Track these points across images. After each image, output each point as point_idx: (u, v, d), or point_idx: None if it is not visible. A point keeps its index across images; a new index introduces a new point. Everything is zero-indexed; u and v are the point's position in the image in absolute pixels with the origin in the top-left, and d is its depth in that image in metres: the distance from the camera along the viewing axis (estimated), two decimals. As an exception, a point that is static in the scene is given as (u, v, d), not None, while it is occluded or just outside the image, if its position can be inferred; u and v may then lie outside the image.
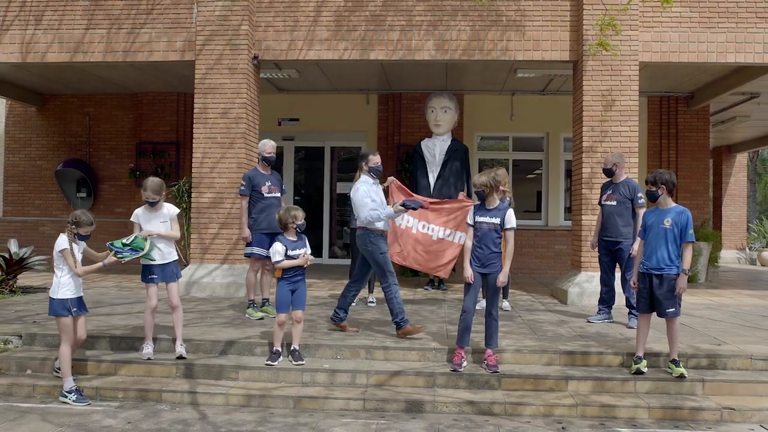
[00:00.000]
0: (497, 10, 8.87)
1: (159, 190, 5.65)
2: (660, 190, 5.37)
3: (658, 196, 5.39)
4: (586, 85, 8.64)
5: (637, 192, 6.92)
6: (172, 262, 5.74)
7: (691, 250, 5.30)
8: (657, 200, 5.40)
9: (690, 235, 5.24)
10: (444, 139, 10.01)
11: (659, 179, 5.36)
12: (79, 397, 5.02)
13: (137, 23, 9.13)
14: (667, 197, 5.39)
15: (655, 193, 5.39)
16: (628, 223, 6.85)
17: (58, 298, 5.09)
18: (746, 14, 8.71)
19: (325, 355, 5.77)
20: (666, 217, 5.31)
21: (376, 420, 4.74)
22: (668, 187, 5.36)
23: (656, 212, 5.44)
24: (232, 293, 8.57)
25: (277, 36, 9.07)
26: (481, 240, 5.46)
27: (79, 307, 5.18)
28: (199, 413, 4.84)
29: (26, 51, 9.27)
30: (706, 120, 12.75)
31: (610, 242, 7.03)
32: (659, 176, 5.38)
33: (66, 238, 5.10)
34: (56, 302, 5.09)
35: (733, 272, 14.22)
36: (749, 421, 4.82)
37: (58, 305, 5.09)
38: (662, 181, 5.35)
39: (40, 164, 13.29)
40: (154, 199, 5.62)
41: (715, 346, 5.90)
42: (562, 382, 5.31)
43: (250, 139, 9.01)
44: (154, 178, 5.73)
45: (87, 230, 5.16)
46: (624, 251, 6.88)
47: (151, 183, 5.63)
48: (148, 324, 5.69)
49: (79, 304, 5.20)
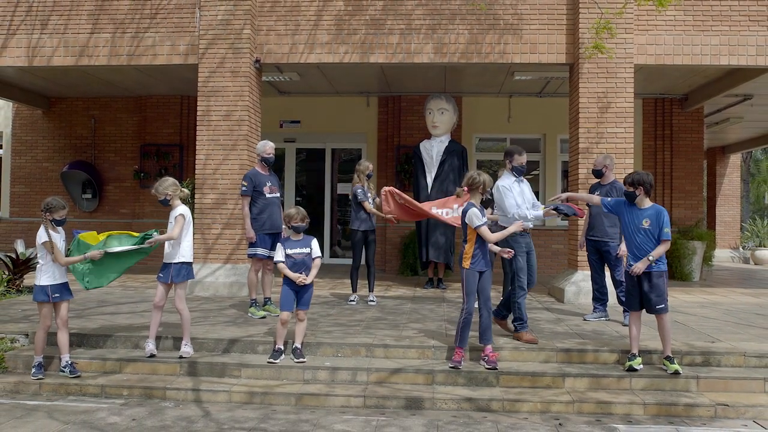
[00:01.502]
0: (495, 14, 8.88)
1: (157, 187, 5.74)
2: (638, 191, 5.42)
3: (635, 196, 5.43)
4: (582, 88, 8.65)
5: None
6: (176, 264, 5.68)
7: (666, 247, 5.34)
8: (634, 200, 5.44)
9: (666, 234, 5.30)
10: (442, 140, 10.02)
11: (636, 180, 5.41)
12: (36, 371, 5.33)
13: (141, 27, 9.13)
14: (644, 198, 5.43)
15: (633, 193, 5.44)
16: (614, 223, 6.86)
17: (40, 285, 5.32)
18: (739, 18, 8.71)
19: (326, 353, 5.77)
20: (644, 218, 5.37)
21: (377, 417, 4.74)
22: (645, 188, 5.42)
23: (632, 210, 5.46)
24: (235, 292, 8.57)
25: (278, 40, 9.07)
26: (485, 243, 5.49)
27: (61, 293, 5.37)
28: (203, 410, 4.84)
29: (32, 55, 9.27)
30: (700, 121, 12.75)
31: (597, 242, 7.05)
32: (637, 178, 5.42)
33: (44, 229, 5.28)
34: (37, 288, 5.33)
35: (726, 271, 14.22)
36: (743, 417, 4.82)
37: (38, 291, 5.32)
38: (639, 182, 5.40)
39: (47, 166, 13.29)
40: (158, 197, 5.73)
41: (709, 343, 5.90)
42: (559, 379, 5.31)
43: (252, 141, 9.01)
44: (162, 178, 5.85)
45: (61, 214, 5.36)
46: (611, 252, 6.90)
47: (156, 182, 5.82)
48: (152, 321, 5.73)
49: (62, 289, 5.39)
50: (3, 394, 5.21)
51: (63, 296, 5.39)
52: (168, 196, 5.71)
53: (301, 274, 5.53)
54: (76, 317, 6.81)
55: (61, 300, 5.39)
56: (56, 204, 5.32)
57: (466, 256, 5.46)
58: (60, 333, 5.42)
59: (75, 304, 6.22)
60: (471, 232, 5.43)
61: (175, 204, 5.77)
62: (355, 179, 8.05)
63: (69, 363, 5.40)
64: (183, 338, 5.71)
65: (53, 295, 5.31)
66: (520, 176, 6.23)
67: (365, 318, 7.05)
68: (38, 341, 5.39)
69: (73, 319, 6.73)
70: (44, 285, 5.30)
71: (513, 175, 6.20)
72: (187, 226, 5.75)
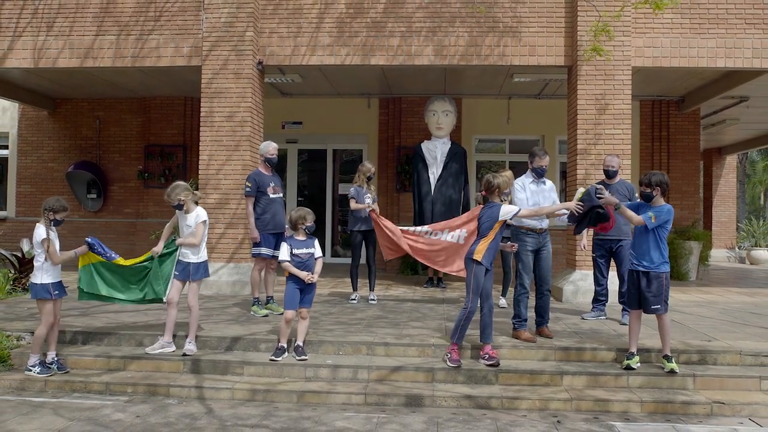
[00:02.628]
0: (494, 17, 8.88)
1: (169, 193, 5.71)
2: (654, 191, 5.39)
3: (652, 197, 5.40)
4: (581, 90, 8.64)
5: (634, 192, 6.96)
6: (194, 263, 5.75)
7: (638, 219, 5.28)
8: (651, 201, 5.41)
9: (647, 216, 5.25)
10: (444, 142, 10.03)
11: (654, 181, 5.37)
12: (42, 369, 5.33)
13: (146, 30, 9.13)
14: (660, 198, 5.41)
15: (650, 194, 5.40)
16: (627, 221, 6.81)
17: (41, 283, 5.35)
18: (735, 20, 8.71)
19: (328, 351, 5.77)
20: (650, 212, 5.30)
21: (377, 414, 4.74)
22: (662, 189, 5.38)
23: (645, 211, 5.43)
24: (238, 291, 8.57)
25: (281, 42, 9.07)
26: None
27: (60, 291, 5.43)
28: (206, 407, 4.84)
29: (38, 57, 9.27)
30: (697, 123, 12.75)
31: (610, 241, 6.94)
32: (654, 178, 5.39)
33: (44, 227, 5.32)
34: (39, 287, 5.35)
35: (722, 270, 14.20)
36: (738, 415, 4.82)
37: (40, 289, 5.35)
38: (657, 183, 5.37)
39: (52, 166, 13.30)
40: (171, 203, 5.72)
41: (705, 342, 5.90)
42: (558, 377, 5.31)
43: (254, 142, 9.01)
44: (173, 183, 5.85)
45: (62, 215, 5.41)
46: (625, 248, 6.82)
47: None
48: (168, 318, 5.73)
49: (59, 287, 5.44)
50: (9, 390, 5.21)
51: (62, 294, 5.46)
52: (181, 201, 5.69)
53: (308, 273, 5.56)
54: (81, 315, 6.82)
55: (60, 297, 5.45)
56: (59, 206, 5.38)
57: (479, 250, 5.43)
58: (54, 330, 5.47)
59: (80, 302, 6.22)
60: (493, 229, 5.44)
61: (191, 208, 5.76)
62: (355, 179, 8.08)
63: (56, 360, 5.45)
64: (188, 335, 5.71)
65: (54, 293, 5.36)
66: (540, 178, 6.33)
67: (366, 316, 7.05)
68: (39, 339, 5.40)
69: (78, 317, 6.74)
70: (46, 283, 5.34)
71: (532, 176, 6.33)
72: (205, 227, 5.81)
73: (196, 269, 5.78)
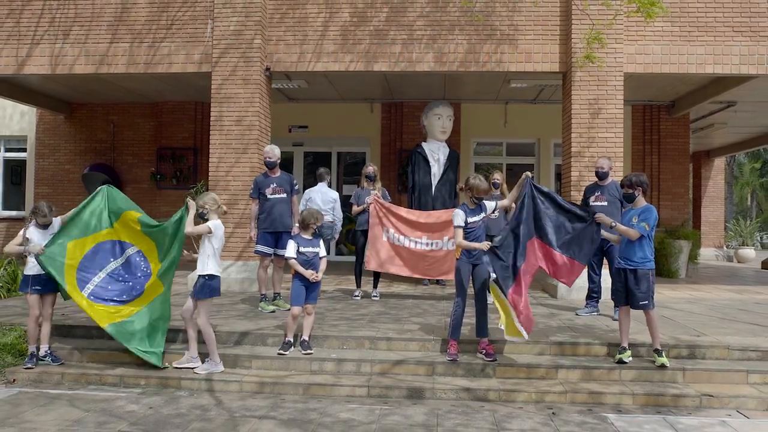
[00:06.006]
0: (492, 25, 8.87)
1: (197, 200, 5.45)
2: (637, 192, 5.40)
3: (635, 197, 5.42)
4: (575, 95, 8.63)
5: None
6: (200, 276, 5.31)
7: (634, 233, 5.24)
8: (634, 201, 5.42)
9: (640, 227, 5.24)
10: (444, 146, 10.01)
11: (635, 182, 5.39)
12: (29, 361, 5.40)
13: (158, 37, 9.14)
14: (641, 198, 5.43)
15: (633, 194, 5.42)
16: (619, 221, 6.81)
17: (24, 275, 5.53)
18: (723, 28, 8.69)
19: (333, 345, 5.77)
20: (634, 215, 5.35)
21: (380, 406, 4.74)
22: (643, 188, 5.41)
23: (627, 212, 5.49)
24: (246, 288, 8.58)
25: (287, 49, 9.07)
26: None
27: (41, 286, 5.46)
28: (216, 399, 4.84)
29: (55, 63, 9.29)
30: (687, 127, 12.74)
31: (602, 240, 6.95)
32: (634, 179, 5.41)
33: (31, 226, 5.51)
34: (22, 279, 5.56)
35: (711, 269, 14.17)
36: (726, 407, 4.81)
37: (22, 282, 5.55)
38: (638, 184, 5.39)
39: (68, 168, 13.32)
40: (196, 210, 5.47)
41: (694, 337, 5.89)
42: (553, 370, 5.30)
43: (262, 145, 9.00)
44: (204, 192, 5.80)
45: (42, 221, 5.47)
46: (615, 247, 6.81)
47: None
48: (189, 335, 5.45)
49: (40, 282, 5.44)
50: (27, 383, 5.22)
51: (44, 290, 5.52)
52: (204, 210, 5.39)
53: (313, 271, 5.55)
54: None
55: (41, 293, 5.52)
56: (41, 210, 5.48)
57: (458, 248, 5.47)
58: (45, 325, 5.53)
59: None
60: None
61: (212, 218, 5.42)
62: (360, 181, 8.17)
63: (49, 352, 5.50)
64: (209, 356, 5.34)
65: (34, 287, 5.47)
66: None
67: (369, 312, 7.05)
68: (29, 332, 5.50)
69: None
70: (27, 275, 5.48)
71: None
72: (215, 240, 5.37)
73: (200, 286, 5.27)
